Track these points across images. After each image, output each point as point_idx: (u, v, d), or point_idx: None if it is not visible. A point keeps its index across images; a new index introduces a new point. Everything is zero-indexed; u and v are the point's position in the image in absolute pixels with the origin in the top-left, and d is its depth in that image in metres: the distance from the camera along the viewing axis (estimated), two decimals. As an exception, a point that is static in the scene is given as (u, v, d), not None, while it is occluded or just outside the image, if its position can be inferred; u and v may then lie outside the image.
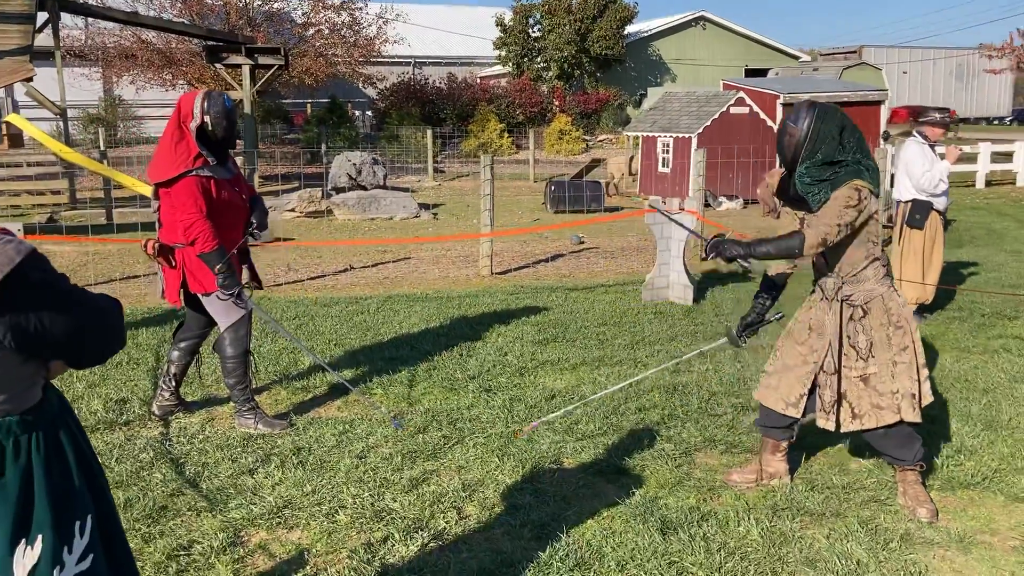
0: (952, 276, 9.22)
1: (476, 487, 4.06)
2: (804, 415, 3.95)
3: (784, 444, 4.08)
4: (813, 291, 3.96)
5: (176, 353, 5.01)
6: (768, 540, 3.57)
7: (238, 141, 20.08)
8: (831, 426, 3.83)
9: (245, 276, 4.99)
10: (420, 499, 3.93)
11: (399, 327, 7.10)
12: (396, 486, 4.06)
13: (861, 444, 4.56)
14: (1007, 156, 21.76)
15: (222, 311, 4.69)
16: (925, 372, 3.77)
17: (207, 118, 4.52)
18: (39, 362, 1.83)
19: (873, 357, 3.71)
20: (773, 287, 4.11)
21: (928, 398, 3.78)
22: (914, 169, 7.08)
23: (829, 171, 3.62)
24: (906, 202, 7.28)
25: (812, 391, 3.92)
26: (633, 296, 8.36)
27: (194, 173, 4.46)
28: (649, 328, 7.10)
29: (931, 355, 6.24)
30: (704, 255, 3.92)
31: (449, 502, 3.90)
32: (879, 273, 3.76)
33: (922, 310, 7.38)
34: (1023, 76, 46.69)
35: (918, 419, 3.71)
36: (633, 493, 3.98)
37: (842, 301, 3.77)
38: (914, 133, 7.29)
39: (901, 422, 3.72)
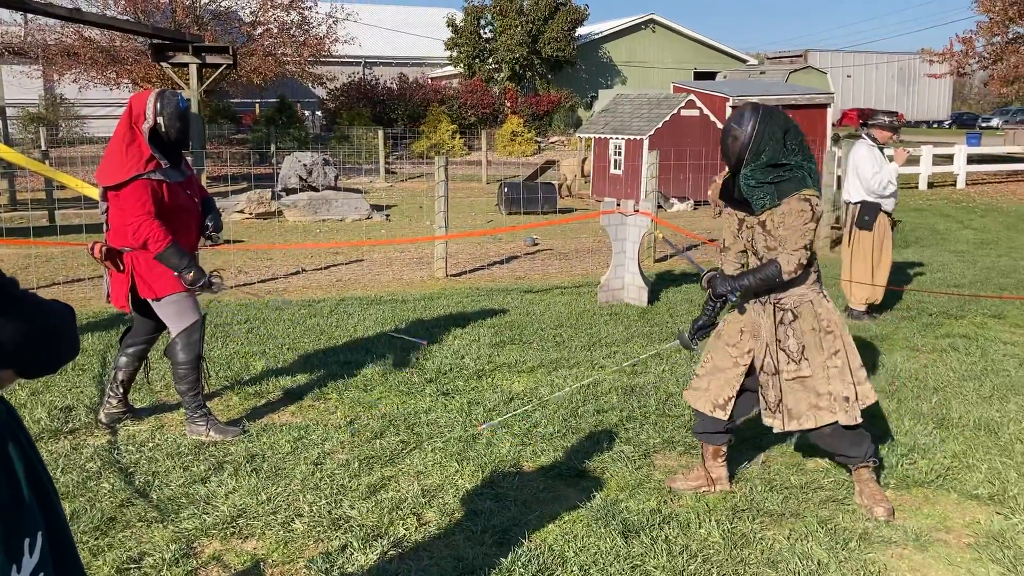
0: (900, 276, 9.40)
1: (435, 493, 4.00)
2: (732, 419, 3.97)
3: (724, 448, 4.07)
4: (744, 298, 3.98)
5: (123, 359, 4.85)
6: (729, 542, 3.57)
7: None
8: (778, 424, 3.85)
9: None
10: (378, 506, 3.86)
11: (353, 330, 7.00)
12: (354, 493, 3.99)
13: (814, 446, 4.61)
14: (948, 159, 22.32)
15: (174, 316, 4.56)
16: (862, 374, 3.81)
17: (160, 119, 4.38)
18: None
19: (806, 360, 3.75)
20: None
21: (868, 399, 3.79)
22: (864, 171, 7.18)
23: (772, 173, 3.64)
24: (855, 204, 7.38)
25: (741, 394, 3.94)
26: (588, 298, 8.37)
27: (145, 176, 4.32)
28: (605, 330, 7.10)
29: (882, 354, 6.34)
30: (703, 287, 3.96)
31: (408, 508, 3.84)
32: (810, 279, 3.81)
33: (872, 310, 7.49)
34: (962, 81, 47.98)
35: (855, 421, 3.74)
36: (594, 496, 3.96)
37: (774, 304, 3.81)
38: (863, 135, 7.41)
39: (837, 423, 3.75)
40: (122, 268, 4.46)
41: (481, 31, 35.97)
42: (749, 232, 3.81)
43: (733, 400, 3.91)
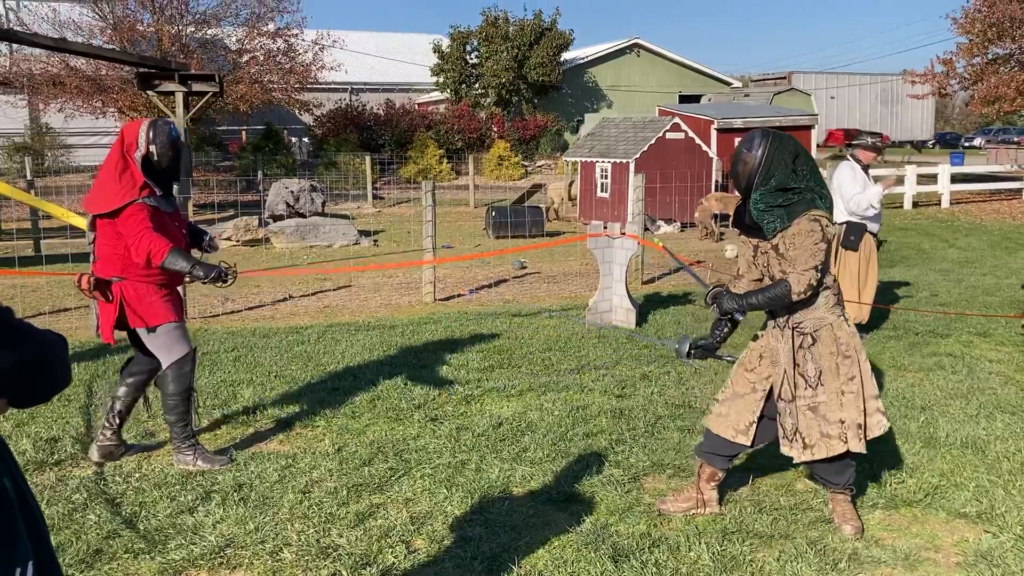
0: (886, 296, 9.45)
1: (424, 520, 3.99)
2: (754, 444, 3.96)
3: (721, 474, 4.07)
4: (767, 320, 3.98)
5: (123, 389, 4.77)
6: (719, 564, 3.57)
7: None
8: (795, 454, 3.82)
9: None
10: (367, 534, 3.84)
11: (341, 357, 6.98)
12: (342, 521, 3.97)
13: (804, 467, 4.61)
14: (931, 178, 22.52)
15: (163, 347, 4.52)
16: (875, 404, 3.78)
17: (152, 148, 4.37)
18: None
19: (822, 386, 3.73)
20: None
21: (878, 430, 3.77)
22: (846, 191, 7.24)
23: (782, 197, 3.64)
24: (840, 224, 7.44)
25: (761, 419, 3.94)
26: (576, 320, 8.38)
27: (140, 201, 4.32)
28: (594, 352, 7.11)
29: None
30: (706, 304, 3.96)
31: (397, 536, 3.82)
32: (829, 302, 3.79)
33: (859, 329, 7.52)
34: (944, 101, 48.50)
35: (863, 450, 3.73)
36: (583, 520, 3.95)
37: (793, 328, 3.79)
38: (847, 156, 7.47)
39: (848, 452, 3.75)
40: (110, 298, 4.43)
41: (467, 57, 36.21)
42: (764, 258, 3.80)
43: (755, 425, 3.89)
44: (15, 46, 24.64)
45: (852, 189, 7.19)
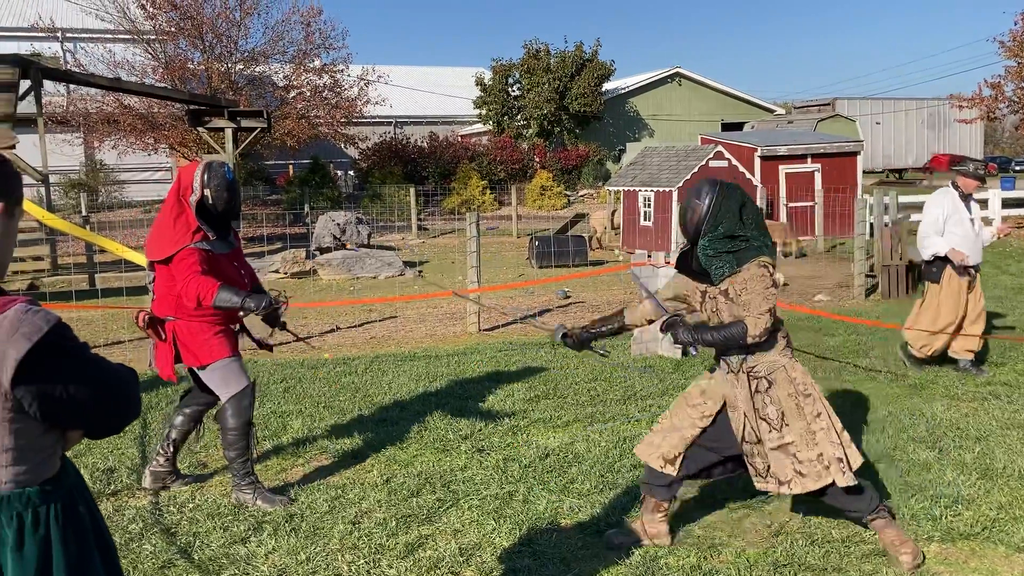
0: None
1: (473, 551, 4.00)
2: (679, 474, 3.96)
3: (665, 504, 4.07)
4: (716, 364, 4.00)
5: (179, 419, 4.87)
6: (772, 598, 3.52)
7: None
8: (772, 488, 3.85)
9: (244, 342, 4.88)
10: (416, 565, 3.86)
11: (388, 388, 7.05)
12: (391, 552, 3.99)
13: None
14: (982, 203, 22.13)
15: (221, 382, 4.58)
16: (846, 436, 3.80)
17: (207, 191, 4.45)
18: (58, 432, 1.84)
19: (787, 426, 3.75)
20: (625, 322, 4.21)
21: (856, 462, 3.76)
22: (924, 219, 7.08)
23: (730, 244, 3.75)
24: (932, 256, 7.16)
25: (688, 452, 3.95)
26: (622, 350, 8.36)
27: (192, 246, 4.40)
28: (640, 383, 7.09)
29: (922, 403, 6.25)
30: (661, 331, 4.02)
31: (446, 567, 3.83)
32: (780, 344, 3.85)
33: (976, 362, 7.26)
34: (993, 125, 47.72)
35: (851, 482, 3.70)
36: (632, 553, 3.93)
37: (747, 373, 3.84)
38: (949, 184, 7.24)
39: (834, 484, 3.72)
40: (163, 337, 4.52)
41: (509, 89, 36.51)
42: (712, 303, 3.88)
43: (681, 457, 3.94)
44: (72, 86, 25.46)
45: (926, 220, 7.04)
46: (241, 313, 4.53)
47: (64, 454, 1.93)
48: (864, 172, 24.43)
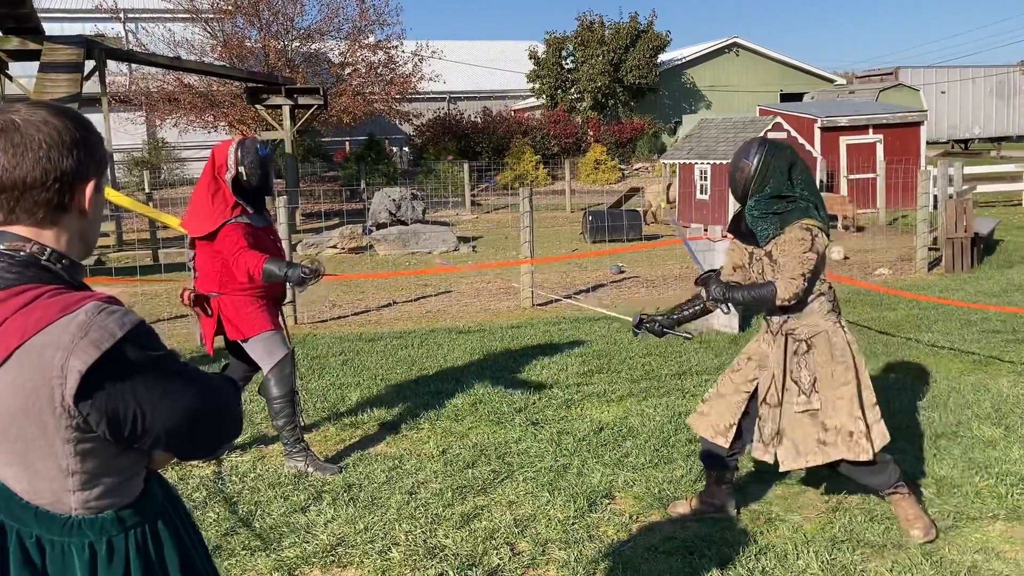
0: (1010, 297, 9.04)
1: (528, 523, 4.03)
2: (732, 448, 3.91)
3: (726, 475, 4.02)
4: (762, 325, 3.96)
5: None
6: (829, 573, 3.49)
7: (278, 181, 20.30)
8: (768, 459, 3.80)
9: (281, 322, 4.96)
10: (472, 535, 3.90)
11: (443, 361, 7.11)
12: (448, 522, 4.05)
13: (915, 472, 4.47)
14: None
15: (264, 353, 4.68)
16: (877, 411, 3.72)
17: (241, 168, 4.54)
18: (140, 452, 1.57)
19: (816, 393, 3.68)
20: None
21: (880, 440, 3.68)
22: None
23: (777, 205, 3.67)
24: None
25: (743, 424, 3.88)
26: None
27: (233, 221, 4.51)
28: (695, 358, 7.04)
29: (987, 379, 6.11)
30: (696, 284, 3.97)
31: (502, 538, 3.87)
32: (824, 308, 3.76)
33: None
34: (1066, 92, 45.85)
35: (868, 457, 3.62)
36: (688, 527, 3.92)
37: (786, 335, 3.77)
38: None
39: (862, 454, 3.64)
40: (210, 313, 4.65)
41: (563, 62, 36.21)
42: (759, 265, 3.82)
43: (735, 427, 3.87)
44: (134, 66, 25.96)
45: None
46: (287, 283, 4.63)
47: (152, 473, 1.66)
48: (928, 143, 23.78)
